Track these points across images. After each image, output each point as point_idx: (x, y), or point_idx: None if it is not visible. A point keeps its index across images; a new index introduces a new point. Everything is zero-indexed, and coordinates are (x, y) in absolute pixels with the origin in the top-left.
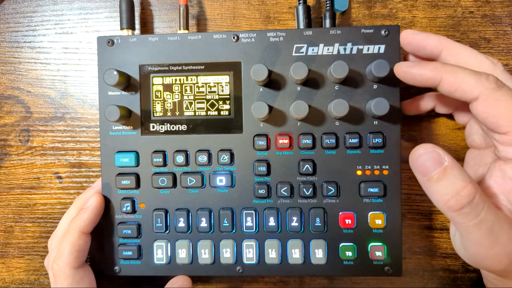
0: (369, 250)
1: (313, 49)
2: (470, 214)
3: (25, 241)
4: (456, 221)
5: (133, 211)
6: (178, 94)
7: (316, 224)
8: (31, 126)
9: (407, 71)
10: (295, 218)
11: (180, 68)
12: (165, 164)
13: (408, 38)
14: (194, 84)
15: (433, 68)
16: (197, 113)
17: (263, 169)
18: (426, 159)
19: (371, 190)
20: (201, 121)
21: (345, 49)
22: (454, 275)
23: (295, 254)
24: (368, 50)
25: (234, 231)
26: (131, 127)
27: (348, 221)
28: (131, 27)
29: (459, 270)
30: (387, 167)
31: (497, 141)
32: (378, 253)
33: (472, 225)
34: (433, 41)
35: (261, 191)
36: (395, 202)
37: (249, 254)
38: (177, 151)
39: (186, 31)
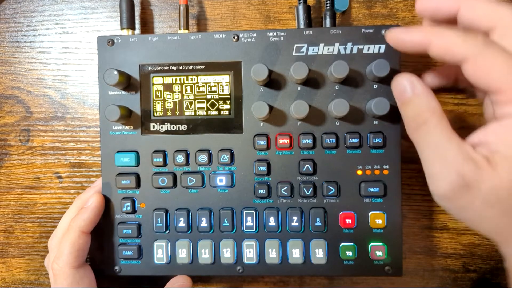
0: (369, 250)
1: (313, 49)
2: (421, 136)
3: (25, 241)
4: (414, 141)
5: (133, 211)
6: (178, 94)
7: (316, 224)
8: (31, 126)
9: (398, 37)
10: (295, 218)
11: (180, 68)
12: (165, 164)
13: (424, 4)
14: (194, 84)
15: (422, 32)
16: (197, 113)
17: (263, 169)
18: (402, 83)
19: (371, 190)
20: (201, 121)
21: (345, 48)
22: (454, 275)
23: (295, 254)
24: (368, 50)
25: (234, 231)
26: (131, 127)
27: (348, 221)
28: (131, 27)
29: (459, 270)
30: (387, 167)
31: (494, 102)
32: (379, 253)
33: (422, 142)
34: (449, 1)
35: (261, 191)
36: (396, 202)
37: (249, 254)
38: (177, 151)
39: (186, 31)
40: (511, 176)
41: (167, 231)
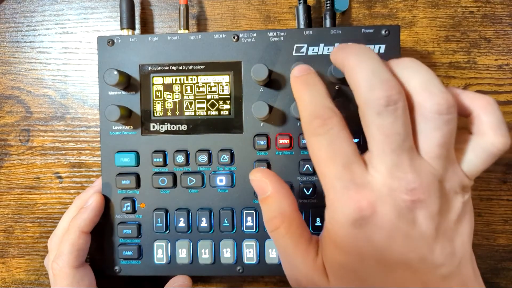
0: None
1: (313, 49)
2: (274, 238)
3: (25, 241)
4: (272, 239)
5: (133, 211)
6: (178, 94)
7: (316, 224)
8: (31, 126)
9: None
10: None
11: (180, 68)
12: (165, 164)
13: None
14: (194, 84)
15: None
16: (197, 113)
17: None
18: (256, 185)
19: None
20: (201, 121)
21: None
22: None
23: None
24: None
25: (234, 231)
26: (131, 127)
27: None
28: (131, 27)
29: None
30: None
31: None
32: None
33: (275, 244)
34: None
35: None
36: None
37: (249, 254)
38: (177, 151)
39: (186, 31)
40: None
41: (167, 231)
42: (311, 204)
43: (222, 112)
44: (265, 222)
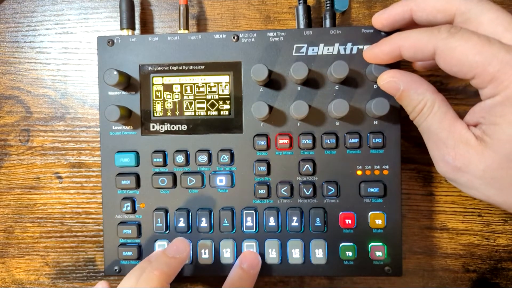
0: (369, 250)
1: (313, 49)
2: (418, 124)
3: (25, 241)
4: (417, 125)
5: (133, 211)
6: (178, 94)
7: (316, 224)
8: (31, 126)
9: (371, 53)
10: (295, 218)
11: (180, 68)
12: (165, 164)
13: (378, 19)
14: (194, 84)
15: (390, 40)
16: (197, 113)
17: (263, 169)
18: (387, 88)
19: (371, 190)
20: (201, 121)
21: (345, 49)
22: (454, 275)
23: (295, 254)
24: None
25: (234, 231)
26: (131, 127)
27: (348, 221)
28: (131, 27)
29: (459, 270)
30: (387, 167)
31: (476, 87)
32: (378, 253)
33: (420, 128)
34: (399, 8)
35: (261, 191)
36: (395, 202)
37: None
38: (177, 151)
39: (186, 31)
40: (502, 156)
41: (167, 231)
42: (311, 204)
43: (222, 112)
44: (410, 115)
